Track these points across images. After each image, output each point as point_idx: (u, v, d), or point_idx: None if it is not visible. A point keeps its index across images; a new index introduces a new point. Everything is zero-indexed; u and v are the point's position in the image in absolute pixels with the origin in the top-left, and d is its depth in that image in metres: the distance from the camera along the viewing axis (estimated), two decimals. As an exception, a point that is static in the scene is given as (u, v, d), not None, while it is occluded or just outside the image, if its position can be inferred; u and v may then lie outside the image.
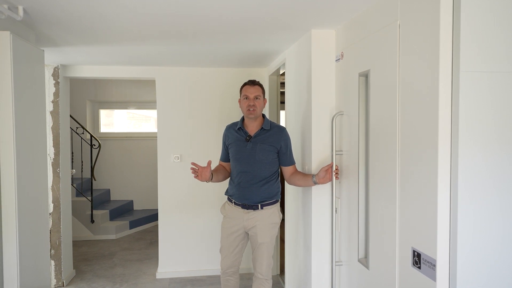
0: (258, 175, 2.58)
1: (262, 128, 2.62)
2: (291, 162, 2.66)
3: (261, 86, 2.64)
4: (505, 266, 1.52)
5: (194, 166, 2.53)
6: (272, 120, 4.03)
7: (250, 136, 2.61)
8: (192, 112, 4.08)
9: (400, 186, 1.78)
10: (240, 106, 2.65)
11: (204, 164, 2.65)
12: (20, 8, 2.11)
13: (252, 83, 2.62)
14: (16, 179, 2.23)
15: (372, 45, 2.03)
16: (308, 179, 2.52)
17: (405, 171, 1.74)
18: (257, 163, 2.58)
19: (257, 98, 2.57)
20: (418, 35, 1.63)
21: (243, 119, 2.70)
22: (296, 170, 2.69)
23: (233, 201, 2.66)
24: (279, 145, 2.60)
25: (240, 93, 2.65)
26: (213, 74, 4.08)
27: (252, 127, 2.64)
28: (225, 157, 2.79)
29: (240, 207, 2.63)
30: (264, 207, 2.60)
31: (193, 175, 2.55)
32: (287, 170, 2.67)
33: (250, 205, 2.60)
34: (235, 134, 2.67)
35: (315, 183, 2.48)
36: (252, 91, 2.57)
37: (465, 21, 1.45)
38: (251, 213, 2.61)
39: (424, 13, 1.58)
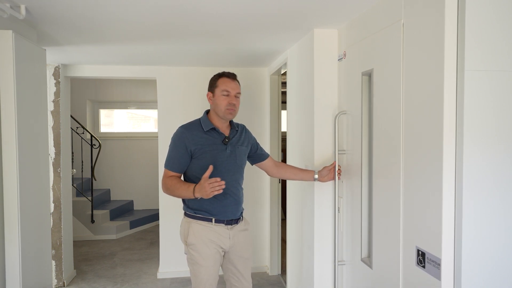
0: (239, 183, 2.28)
1: (232, 127, 2.30)
2: (267, 154, 2.49)
3: (238, 81, 2.28)
4: (510, 264, 1.51)
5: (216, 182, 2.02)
6: (274, 121, 4.04)
7: (228, 138, 2.24)
8: (194, 112, 4.03)
9: (404, 185, 1.78)
10: (215, 103, 2.21)
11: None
12: (23, 7, 2.10)
13: (233, 76, 2.24)
14: (18, 179, 2.23)
15: (375, 44, 2.03)
16: (308, 174, 2.44)
17: (409, 170, 1.73)
18: (237, 169, 2.26)
19: (237, 96, 2.23)
20: (422, 34, 1.63)
21: (206, 117, 2.27)
22: (275, 160, 2.55)
23: (213, 219, 2.20)
24: (251, 143, 2.39)
25: (213, 86, 2.24)
26: (214, 74, 4.06)
27: (223, 127, 2.27)
28: (184, 167, 2.24)
29: (223, 225, 2.21)
30: (242, 216, 2.36)
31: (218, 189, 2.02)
32: (267, 164, 2.48)
33: (235, 219, 2.27)
34: (205, 136, 2.21)
35: (315, 180, 2.44)
36: (234, 87, 2.21)
37: (469, 19, 1.45)
38: (235, 227, 2.27)
39: (429, 12, 1.58)
